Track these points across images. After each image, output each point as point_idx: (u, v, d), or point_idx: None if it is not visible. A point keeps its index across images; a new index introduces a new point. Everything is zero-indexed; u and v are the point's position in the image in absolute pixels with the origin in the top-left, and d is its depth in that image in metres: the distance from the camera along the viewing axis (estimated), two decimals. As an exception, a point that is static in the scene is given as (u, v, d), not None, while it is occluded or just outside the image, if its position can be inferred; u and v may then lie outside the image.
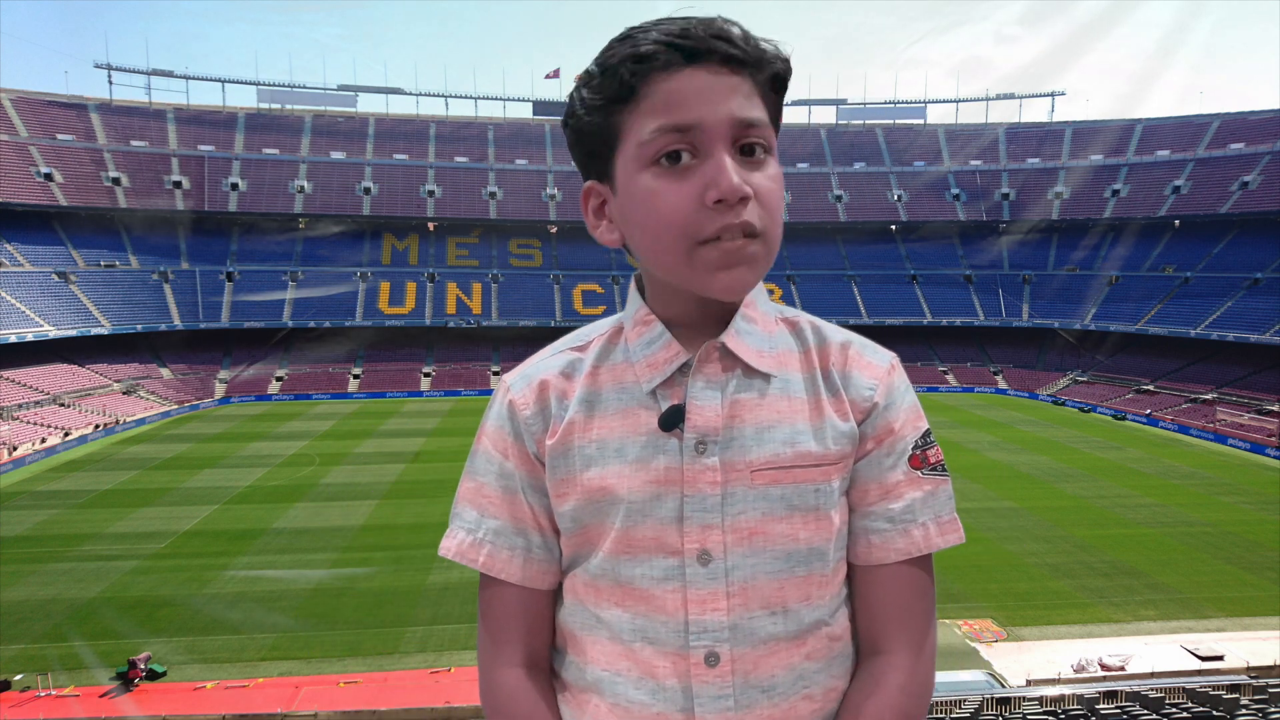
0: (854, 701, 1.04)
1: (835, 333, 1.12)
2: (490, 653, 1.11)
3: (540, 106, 71.16)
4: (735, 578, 0.99)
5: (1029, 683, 15.86)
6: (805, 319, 1.12)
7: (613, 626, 1.03)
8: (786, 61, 1.00)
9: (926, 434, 1.09)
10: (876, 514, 1.06)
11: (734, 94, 0.94)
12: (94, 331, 49.29)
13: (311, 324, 56.19)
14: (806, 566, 1.01)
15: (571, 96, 1.01)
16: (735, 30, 0.96)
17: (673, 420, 1.01)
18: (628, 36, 0.96)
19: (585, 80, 0.99)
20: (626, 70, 0.94)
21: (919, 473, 1.07)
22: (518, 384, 1.11)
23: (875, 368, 1.08)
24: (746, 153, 0.96)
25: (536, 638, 1.12)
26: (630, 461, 1.01)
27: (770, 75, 0.98)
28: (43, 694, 15.56)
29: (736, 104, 0.94)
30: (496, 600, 1.11)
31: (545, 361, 1.12)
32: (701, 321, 1.05)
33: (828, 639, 1.04)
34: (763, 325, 1.07)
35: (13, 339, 44.11)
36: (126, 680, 15.89)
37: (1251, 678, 15.56)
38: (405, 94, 70.64)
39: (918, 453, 1.07)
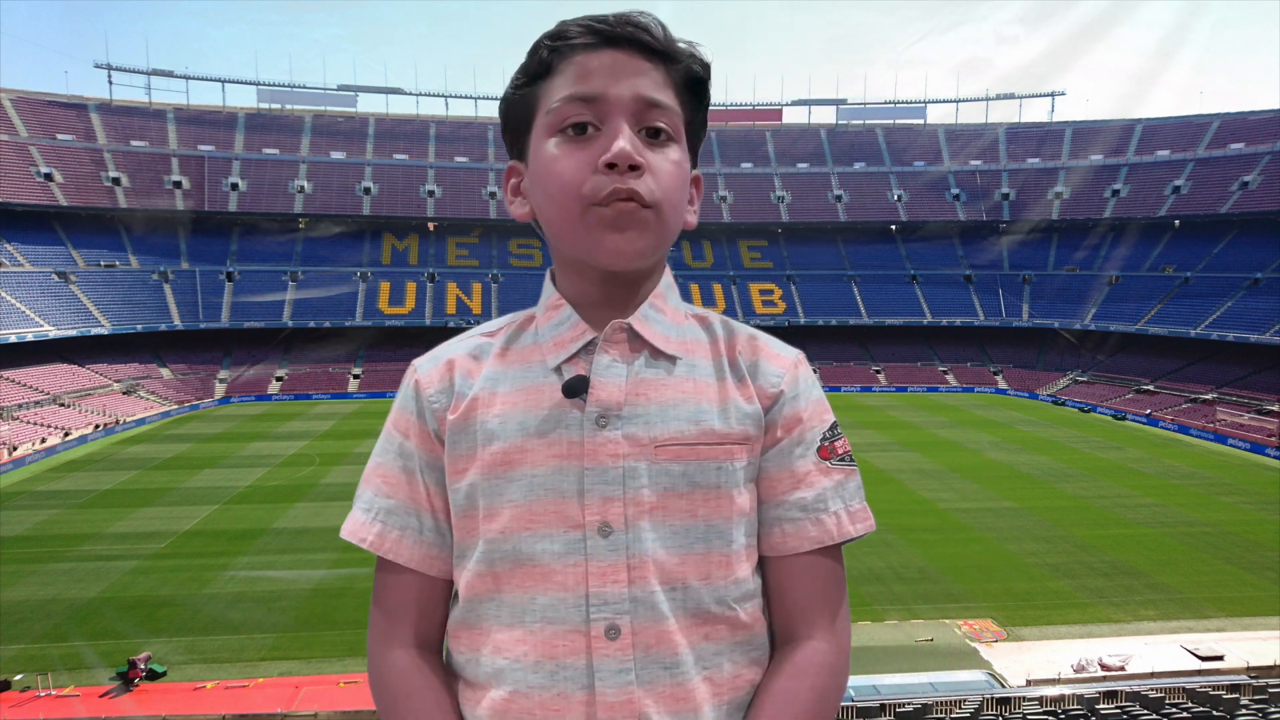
0: (770, 683, 1.05)
1: (744, 328, 1.15)
2: (382, 633, 1.11)
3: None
4: (635, 550, 0.99)
5: (1029, 683, 15.86)
6: (716, 316, 1.15)
7: (511, 611, 1.01)
8: (703, 63, 1.04)
9: (834, 426, 1.12)
10: (789, 504, 1.08)
11: (642, 76, 0.99)
12: (94, 331, 49.29)
13: (311, 324, 56.19)
14: (705, 544, 1.02)
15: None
16: (653, 23, 1.01)
17: (576, 388, 1.02)
18: (557, 25, 1.03)
19: (516, 69, 1.05)
20: (545, 49, 1.01)
21: (828, 463, 1.09)
22: (424, 365, 1.12)
23: (782, 359, 1.12)
24: (652, 135, 1.00)
25: (429, 622, 1.11)
26: (532, 434, 1.02)
27: (684, 73, 1.03)
28: (43, 694, 15.56)
29: (642, 84, 0.99)
30: (390, 583, 1.11)
31: (454, 344, 1.14)
32: (608, 305, 1.07)
33: (729, 625, 1.03)
34: (671, 316, 1.10)
35: (13, 339, 44.11)
36: (126, 680, 15.89)
37: (1251, 678, 15.55)
38: (405, 94, 70.69)
39: (825, 444, 1.10)
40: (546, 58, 1.00)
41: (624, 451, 1.01)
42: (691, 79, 1.04)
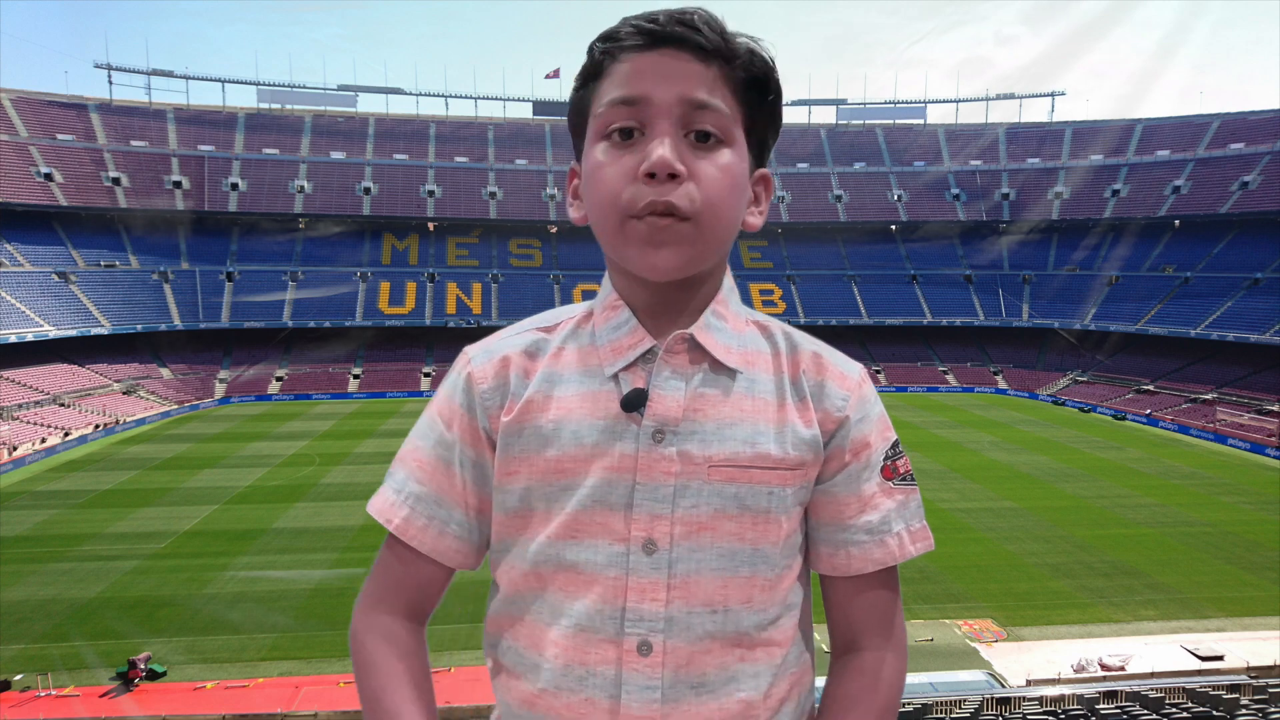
0: (842, 689, 1.08)
1: (807, 341, 1.12)
2: (373, 598, 1.12)
3: (540, 106, 71.14)
4: (678, 570, 0.99)
5: (1029, 683, 15.87)
6: (777, 324, 1.13)
7: (550, 612, 1.02)
8: (763, 60, 1.00)
9: (895, 444, 1.10)
10: (856, 527, 1.07)
11: (690, 78, 0.96)
12: (94, 331, 49.29)
13: (311, 324, 56.18)
14: (751, 568, 1.01)
15: None
16: (707, 20, 0.97)
17: (635, 402, 1.00)
18: (614, 25, 1.01)
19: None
20: (597, 49, 0.99)
21: (891, 483, 1.09)
22: (479, 357, 1.10)
23: (847, 379, 1.09)
24: (701, 139, 0.97)
25: (424, 599, 1.12)
26: (587, 444, 1.01)
27: (743, 71, 0.99)
28: (43, 694, 15.56)
29: (689, 86, 0.95)
30: (398, 560, 1.11)
31: (510, 339, 1.11)
32: (668, 311, 1.05)
33: (765, 645, 1.03)
34: (733, 324, 1.07)
35: (13, 339, 44.11)
36: (126, 680, 15.89)
37: (1251, 678, 15.56)
38: (405, 94, 70.71)
39: (889, 463, 1.09)
40: (598, 59, 0.99)
41: (677, 469, 1.00)
42: (751, 77, 1.00)
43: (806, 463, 1.04)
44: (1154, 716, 13.30)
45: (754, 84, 1.00)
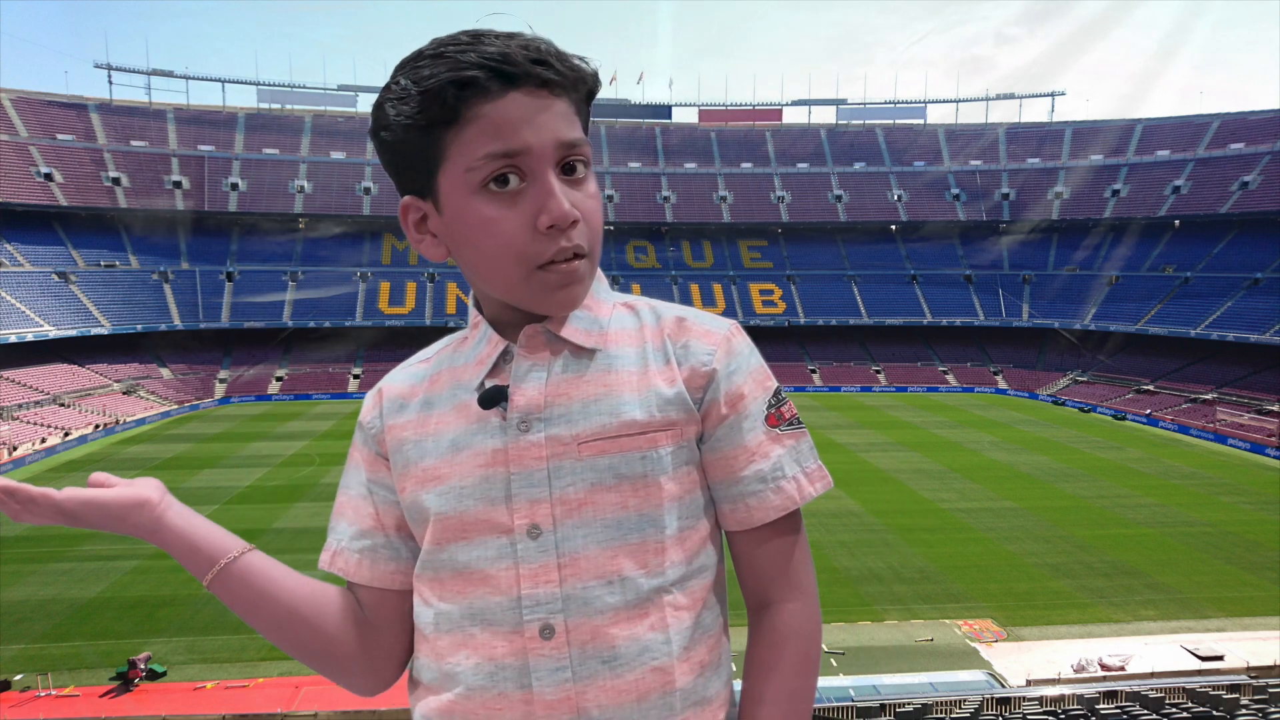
0: (753, 654, 1.08)
1: (671, 309, 1.14)
2: None
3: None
4: (566, 549, 1.00)
5: (1029, 683, 15.86)
6: (644, 302, 1.15)
7: (452, 617, 1.04)
8: (596, 77, 1.04)
9: (777, 391, 1.12)
10: (748, 478, 1.08)
11: (556, 116, 0.97)
12: (94, 331, 49.30)
13: (312, 324, 56.19)
14: (640, 534, 1.02)
15: (383, 109, 0.99)
16: (551, 51, 0.99)
17: (491, 399, 1.04)
18: (441, 54, 0.95)
19: (400, 95, 0.96)
20: (450, 94, 0.93)
21: (777, 430, 1.10)
22: (366, 399, 1.21)
23: (713, 335, 1.10)
24: (568, 171, 0.99)
25: (399, 637, 1.17)
26: (461, 448, 1.05)
27: (583, 93, 1.02)
28: (43, 694, 15.56)
29: (558, 126, 0.97)
30: (359, 605, 1.18)
31: (392, 374, 1.21)
32: (527, 315, 1.08)
33: (671, 608, 1.03)
34: (596, 310, 1.10)
35: (13, 339, 44.12)
36: (126, 680, 15.89)
37: (1251, 678, 15.55)
38: (405, 94, 70.55)
39: (772, 411, 1.10)
40: (452, 104, 0.94)
41: (546, 453, 1.02)
42: (587, 94, 1.04)
43: (677, 421, 1.06)
44: (1154, 716, 13.30)
45: (590, 98, 1.04)
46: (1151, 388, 49.44)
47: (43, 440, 37.51)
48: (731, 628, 1.12)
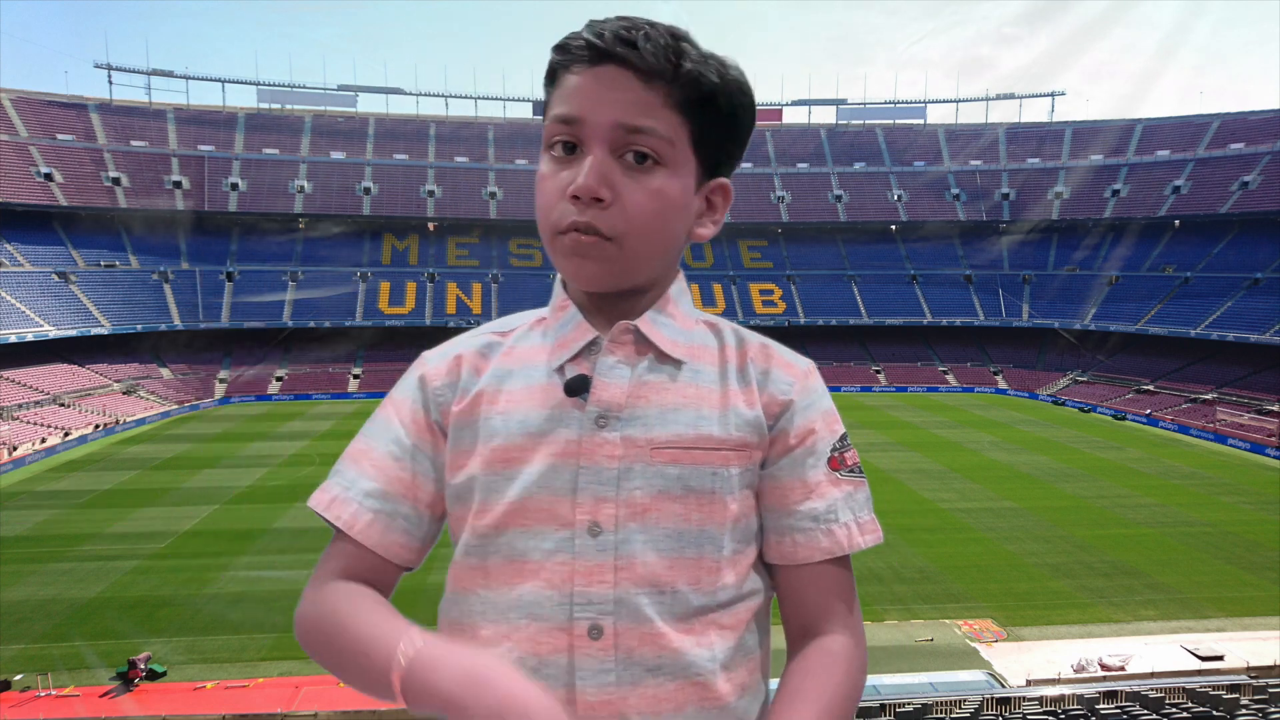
0: (802, 664, 1.04)
1: (755, 336, 1.15)
2: (312, 584, 1.08)
3: (540, 106, 70.40)
4: (624, 551, 0.99)
5: (1029, 683, 15.86)
6: (727, 324, 1.16)
7: (497, 606, 1.01)
8: (712, 80, 1.00)
9: (843, 437, 1.12)
10: (801, 513, 1.08)
11: (627, 100, 0.97)
12: (94, 331, 49.29)
13: (311, 324, 56.17)
14: (697, 549, 1.01)
15: None
16: (653, 37, 0.97)
17: (578, 388, 1.03)
18: (577, 31, 1.02)
19: None
20: (553, 59, 1.03)
21: (838, 474, 1.10)
22: (433, 359, 1.14)
23: (794, 368, 1.12)
24: (639, 160, 0.99)
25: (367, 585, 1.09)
26: (533, 433, 1.03)
27: (689, 91, 0.99)
28: (43, 694, 15.56)
29: (623, 109, 0.97)
30: (345, 554, 1.08)
31: (465, 340, 1.15)
32: (613, 309, 1.09)
33: (716, 627, 1.03)
34: (680, 322, 1.11)
35: (13, 339, 44.11)
36: (126, 680, 15.89)
37: (1251, 678, 15.56)
38: (405, 94, 70.67)
39: (835, 455, 1.10)
40: (553, 67, 1.02)
41: (620, 453, 1.01)
42: (700, 96, 1.00)
43: (750, 444, 1.06)
44: (1154, 716, 13.30)
45: (703, 101, 1.01)
46: (1151, 388, 49.43)
47: (43, 440, 37.51)
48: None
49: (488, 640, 1.01)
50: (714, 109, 1.02)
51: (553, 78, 1.03)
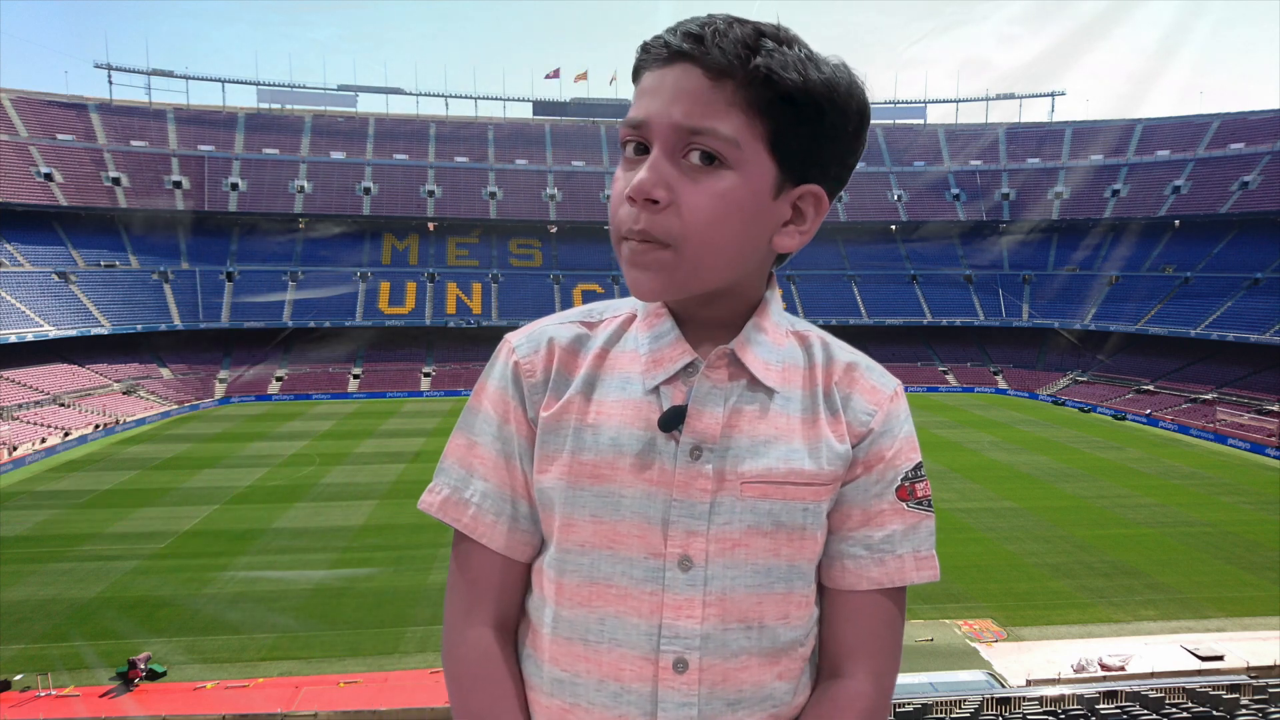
0: (809, 716, 1.04)
1: (843, 352, 1.10)
2: (461, 610, 1.08)
3: (540, 106, 71.16)
4: (714, 587, 0.98)
5: (1029, 683, 15.87)
6: (816, 334, 1.11)
7: (574, 624, 1.00)
8: (792, 79, 0.91)
9: (918, 467, 1.08)
10: (856, 539, 1.05)
11: (691, 99, 0.91)
12: (94, 331, 49.28)
13: (311, 324, 56.17)
14: (787, 584, 1.01)
15: None
16: (722, 33, 0.91)
17: (672, 421, 0.99)
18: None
19: None
20: (637, 58, 0.98)
21: (904, 504, 1.06)
22: (523, 346, 1.09)
23: (878, 393, 1.07)
24: (706, 160, 0.92)
25: (509, 603, 1.09)
26: (626, 454, 1.00)
27: (763, 89, 0.91)
28: (43, 694, 15.56)
29: (684, 109, 0.91)
30: (474, 562, 1.08)
31: (554, 328, 1.10)
32: (707, 322, 1.04)
33: (801, 660, 1.03)
34: (773, 336, 1.06)
35: (13, 339, 44.10)
36: (126, 680, 15.89)
37: (1251, 678, 15.56)
38: (405, 94, 70.70)
39: (906, 484, 1.07)
40: (636, 66, 0.98)
41: (712, 486, 0.99)
42: (772, 94, 0.91)
43: (839, 478, 1.04)
44: (1154, 716, 13.30)
45: (781, 100, 0.92)
46: (1151, 388, 49.43)
47: (43, 440, 37.50)
48: None
49: (561, 656, 1.02)
50: (794, 109, 0.92)
51: (636, 77, 0.99)
